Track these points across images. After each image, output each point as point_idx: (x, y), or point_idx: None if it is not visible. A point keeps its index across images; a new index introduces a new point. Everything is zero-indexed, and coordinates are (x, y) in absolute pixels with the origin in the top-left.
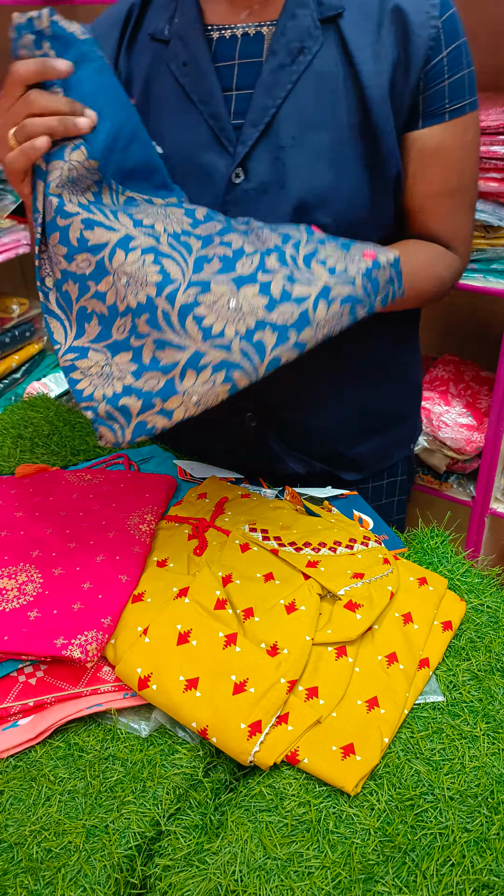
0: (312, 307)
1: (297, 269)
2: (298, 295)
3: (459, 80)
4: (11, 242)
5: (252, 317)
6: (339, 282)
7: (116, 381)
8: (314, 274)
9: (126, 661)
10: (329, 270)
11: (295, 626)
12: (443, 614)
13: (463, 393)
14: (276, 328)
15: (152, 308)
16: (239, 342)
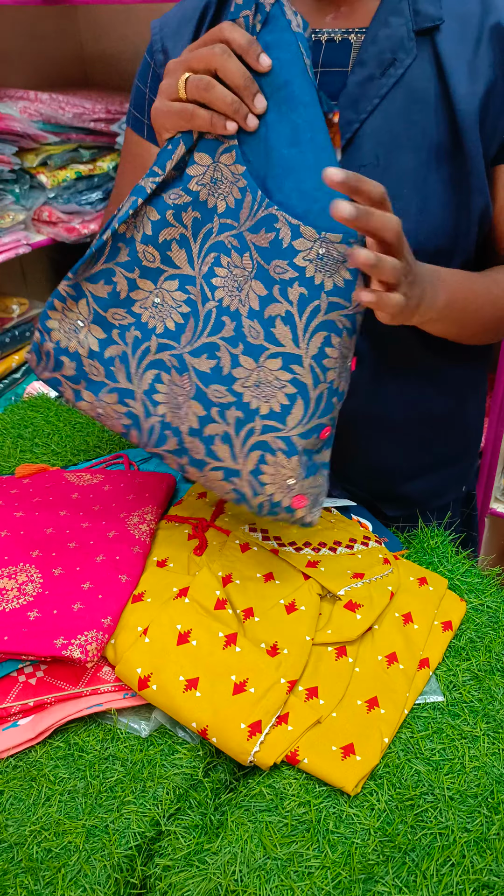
0: (212, 468)
1: (237, 438)
2: (215, 451)
3: None
4: (11, 242)
5: (179, 422)
6: (248, 484)
7: (76, 342)
8: (245, 456)
9: (126, 661)
10: (254, 469)
11: (295, 626)
12: (443, 614)
13: None
14: (181, 444)
15: (147, 337)
16: (156, 422)
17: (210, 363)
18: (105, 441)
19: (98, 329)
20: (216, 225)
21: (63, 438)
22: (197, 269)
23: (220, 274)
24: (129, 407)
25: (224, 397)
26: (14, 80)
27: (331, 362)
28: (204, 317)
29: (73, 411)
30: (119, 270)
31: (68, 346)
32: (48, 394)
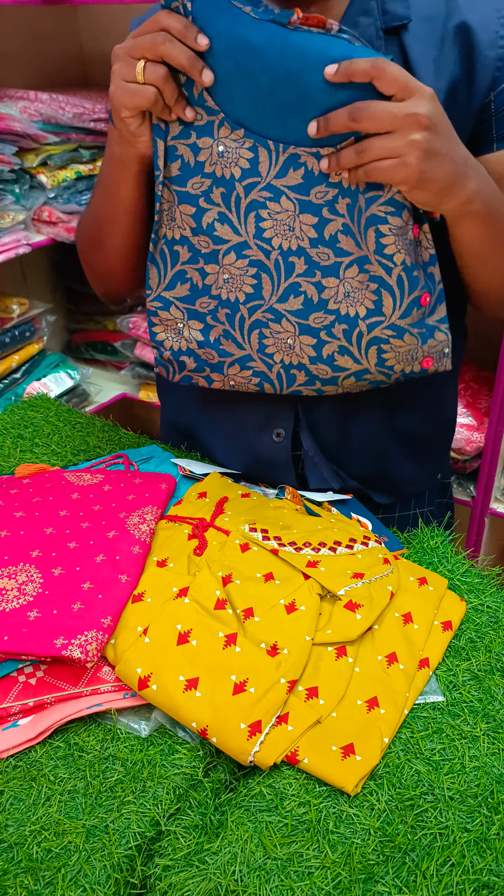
0: (344, 377)
1: (353, 345)
2: (339, 364)
3: None
4: (11, 242)
5: (298, 358)
6: (380, 372)
7: (184, 340)
8: (365, 356)
9: (126, 661)
10: (378, 361)
11: (295, 626)
12: (443, 614)
13: (463, 393)
14: (309, 374)
15: (235, 309)
16: (279, 368)
17: (298, 300)
18: (105, 441)
19: (195, 322)
20: (240, 189)
21: (63, 438)
22: (245, 233)
23: (266, 227)
24: (253, 368)
25: (325, 319)
26: (14, 80)
27: (391, 248)
28: (274, 267)
29: (73, 411)
30: (187, 268)
31: (181, 347)
32: (48, 394)
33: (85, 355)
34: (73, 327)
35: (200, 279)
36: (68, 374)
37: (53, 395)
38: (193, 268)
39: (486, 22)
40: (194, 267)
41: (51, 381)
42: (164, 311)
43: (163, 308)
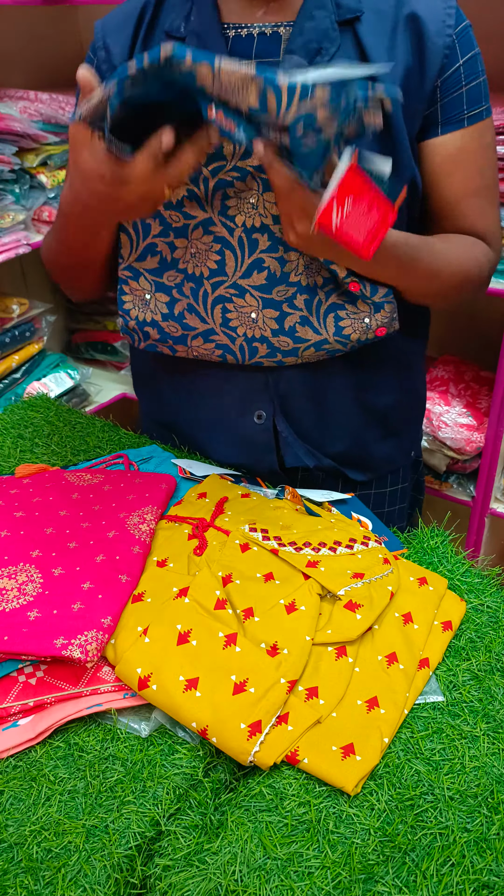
0: (304, 348)
1: (312, 315)
2: (300, 335)
3: (476, 88)
4: (11, 242)
5: (260, 331)
6: (338, 341)
7: (150, 311)
8: (323, 325)
9: (126, 661)
10: (336, 329)
11: (295, 626)
12: (443, 614)
13: (463, 393)
14: (270, 346)
15: (199, 283)
16: (242, 341)
17: (262, 276)
18: (105, 441)
19: (162, 294)
20: (207, 172)
21: (63, 438)
22: (211, 210)
23: (231, 204)
24: (216, 341)
25: (287, 292)
26: (14, 80)
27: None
28: (238, 244)
29: (73, 411)
30: (158, 241)
31: (146, 318)
32: (48, 394)
33: (85, 355)
34: (73, 327)
35: (170, 252)
36: (68, 374)
37: (53, 395)
38: (164, 241)
39: (433, 12)
40: (164, 240)
41: (51, 381)
42: (134, 280)
43: (132, 278)
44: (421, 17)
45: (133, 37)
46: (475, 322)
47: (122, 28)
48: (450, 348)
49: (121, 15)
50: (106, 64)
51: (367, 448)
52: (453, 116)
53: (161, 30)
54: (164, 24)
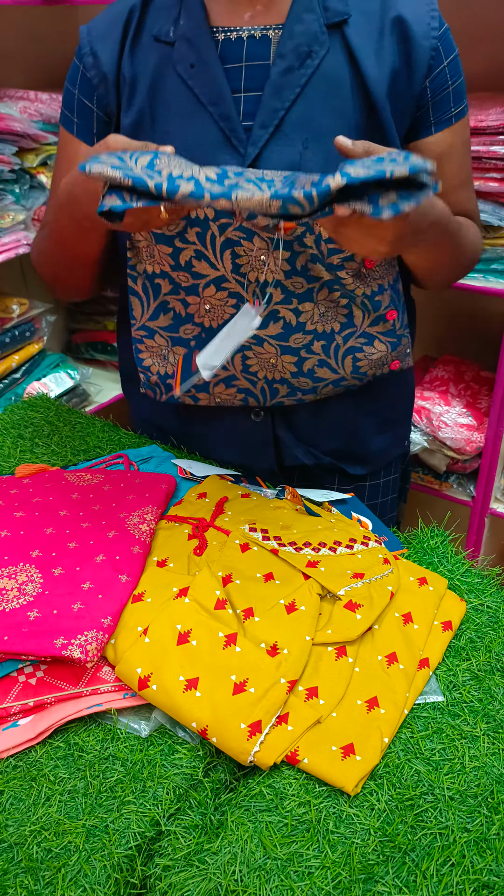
0: (322, 387)
1: (331, 358)
2: (319, 376)
3: (459, 87)
4: (11, 242)
5: (280, 374)
6: (354, 377)
7: (170, 365)
8: (342, 366)
9: (126, 661)
10: (353, 369)
11: (295, 626)
12: (443, 614)
13: (463, 393)
14: (291, 387)
15: (215, 335)
16: (263, 384)
17: (277, 325)
18: (105, 441)
19: (180, 348)
20: (216, 229)
21: (63, 438)
22: (222, 267)
23: (242, 263)
24: (237, 386)
25: (304, 339)
26: (14, 80)
27: (351, 286)
28: (252, 297)
29: (73, 411)
30: (169, 299)
31: (167, 371)
32: (48, 394)
33: (85, 355)
34: (73, 327)
35: (183, 308)
36: (68, 374)
37: (53, 395)
38: (175, 298)
39: (418, 15)
40: (176, 298)
41: (51, 381)
42: (150, 339)
43: (147, 336)
44: (407, 20)
45: (121, 42)
46: (475, 322)
47: (109, 33)
48: (450, 348)
49: (107, 20)
50: (93, 70)
51: (364, 442)
52: (443, 116)
53: (149, 34)
54: (151, 28)
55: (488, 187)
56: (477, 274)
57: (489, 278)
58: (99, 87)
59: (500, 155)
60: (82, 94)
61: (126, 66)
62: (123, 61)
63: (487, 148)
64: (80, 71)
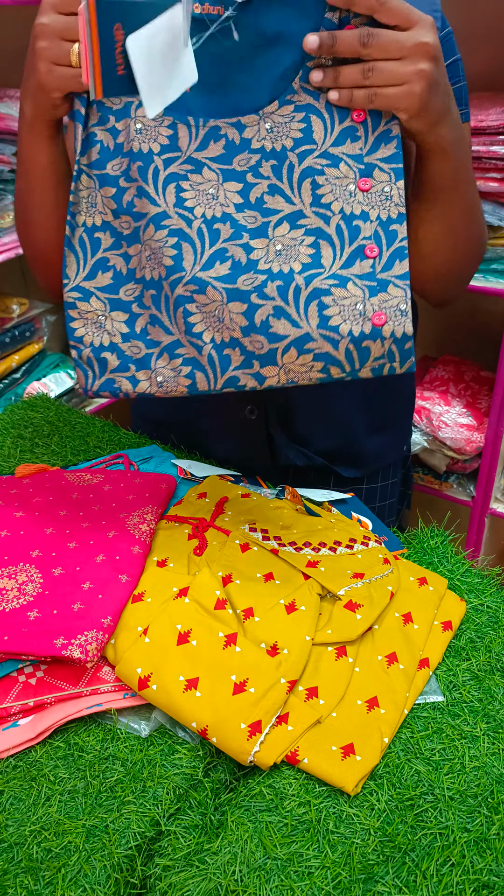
0: (283, 349)
1: (289, 305)
2: (275, 331)
3: (458, 91)
4: (11, 242)
5: (229, 332)
6: (324, 337)
7: (106, 334)
8: (304, 316)
9: (126, 661)
10: (320, 319)
11: (295, 626)
12: (443, 614)
13: (463, 393)
14: (244, 351)
15: (159, 287)
16: (210, 349)
17: (225, 265)
18: (105, 441)
19: (119, 313)
20: (160, 162)
21: (63, 438)
22: (164, 204)
23: (188, 197)
24: (182, 355)
25: (255, 280)
26: (14, 80)
27: (328, 197)
28: (197, 235)
29: (73, 411)
30: (109, 255)
31: (102, 342)
32: (48, 394)
33: None
34: None
35: (124, 264)
36: (68, 374)
37: (53, 395)
38: (116, 253)
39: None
40: (117, 252)
41: (51, 381)
42: (84, 301)
43: (82, 299)
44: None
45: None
46: (475, 322)
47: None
48: (450, 348)
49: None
50: None
51: (358, 444)
52: None
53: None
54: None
55: (488, 187)
56: (477, 274)
57: (489, 278)
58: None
59: (500, 155)
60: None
61: None
62: None
63: (487, 148)
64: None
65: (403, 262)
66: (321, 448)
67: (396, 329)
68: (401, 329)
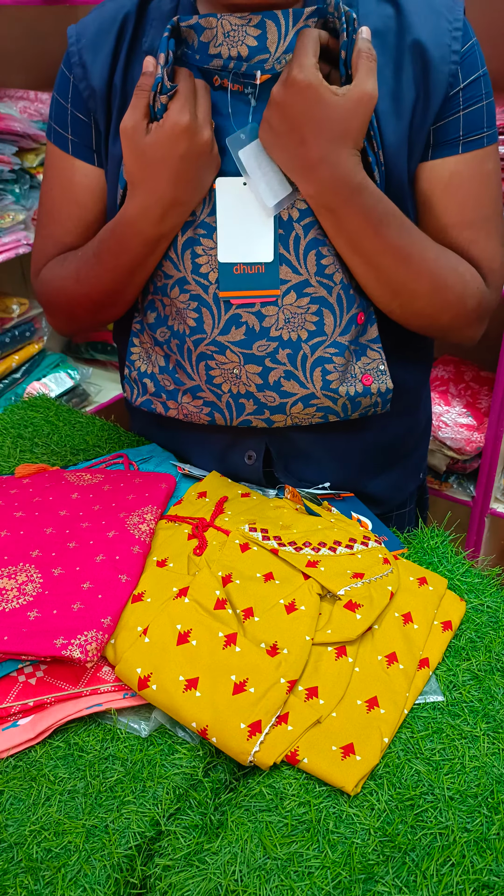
0: (291, 404)
1: (298, 369)
2: (286, 389)
3: (477, 112)
4: (11, 242)
5: (245, 387)
6: (325, 395)
7: (150, 364)
8: (310, 379)
9: (126, 661)
10: (323, 383)
11: (295, 626)
12: (443, 614)
13: (463, 393)
14: (257, 402)
15: (182, 340)
16: (228, 397)
17: (240, 331)
18: (105, 441)
19: (158, 349)
20: (178, 229)
21: (63, 438)
22: (183, 268)
23: (201, 262)
24: (203, 398)
25: (268, 347)
26: (14, 80)
27: (331, 269)
28: (213, 301)
29: (72, 411)
30: (154, 298)
31: (146, 370)
32: (48, 394)
33: (85, 355)
34: None
35: (162, 309)
36: (68, 374)
37: (53, 395)
38: (157, 298)
39: (438, 36)
40: (157, 297)
41: (51, 381)
42: (142, 333)
43: (141, 331)
44: (425, 45)
45: (113, 53)
46: None
47: (101, 44)
48: (450, 348)
49: (97, 26)
50: (83, 83)
51: (369, 483)
52: (447, 141)
53: (144, 48)
54: (146, 41)
55: None
56: None
57: None
58: (89, 100)
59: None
60: (76, 107)
61: (118, 81)
62: (116, 75)
63: None
64: (71, 82)
65: (374, 328)
66: (332, 488)
67: (381, 386)
68: (384, 386)
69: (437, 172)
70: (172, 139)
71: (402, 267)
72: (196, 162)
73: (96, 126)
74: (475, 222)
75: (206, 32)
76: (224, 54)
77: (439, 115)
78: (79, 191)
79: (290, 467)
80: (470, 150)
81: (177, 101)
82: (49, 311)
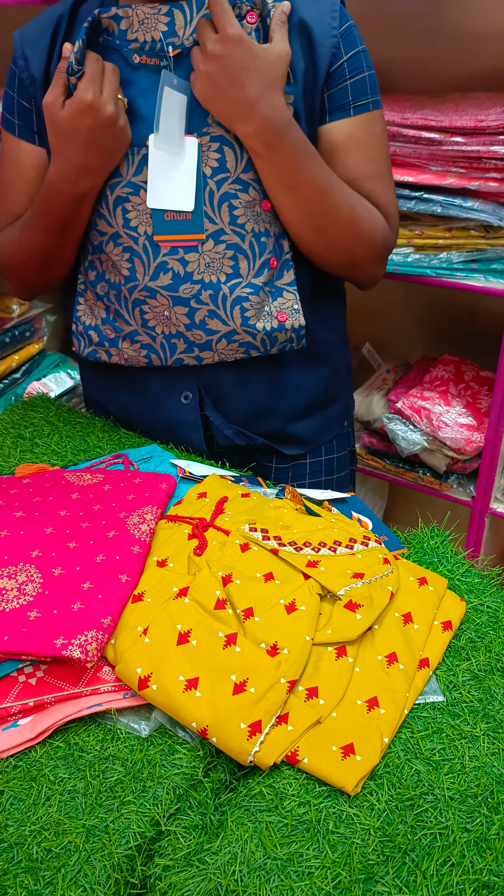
0: (216, 340)
1: (220, 309)
2: (211, 327)
3: (361, 81)
4: None
5: (175, 327)
6: (245, 331)
7: (93, 318)
8: (230, 316)
9: (126, 661)
10: (242, 320)
11: (295, 626)
12: (443, 614)
13: (463, 393)
14: (187, 342)
15: (118, 290)
16: (161, 339)
17: (167, 276)
18: (105, 441)
19: (100, 302)
20: (107, 188)
21: (63, 438)
22: (115, 223)
23: (131, 217)
24: (140, 341)
25: (192, 289)
26: None
27: (242, 219)
28: (143, 251)
29: (73, 411)
30: (94, 258)
31: (90, 323)
32: (48, 394)
33: None
34: None
35: (100, 265)
36: (68, 374)
37: (53, 395)
38: (95, 257)
39: (319, 16)
40: (94, 257)
41: (51, 381)
42: (86, 292)
43: (85, 290)
44: (308, 23)
45: (49, 48)
46: (475, 322)
47: (39, 40)
48: (450, 348)
49: (37, 27)
50: (25, 72)
51: (296, 426)
52: (339, 106)
53: (74, 42)
54: (80, 34)
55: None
56: (477, 274)
57: (489, 278)
58: (31, 87)
59: (500, 155)
60: (20, 96)
61: (53, 71)
62: (52, 66)
63: (487, 148)
64: (17, 75)
65: (290, 272)
66: (260, 430)
67: (294, 323)
68: (297, 322)
69: (335, 134)
70: (79, 114)
71: (326, 198)
72: (102, 133)
73: (37, 110)
74: (373, 175)
75: (123, 21)
76: (140, 39)
77: (329, 83)
78: (25, 168)
79: (218, 406)
80: (360, 112)
81: (83, 81)
82: (5, 275)
